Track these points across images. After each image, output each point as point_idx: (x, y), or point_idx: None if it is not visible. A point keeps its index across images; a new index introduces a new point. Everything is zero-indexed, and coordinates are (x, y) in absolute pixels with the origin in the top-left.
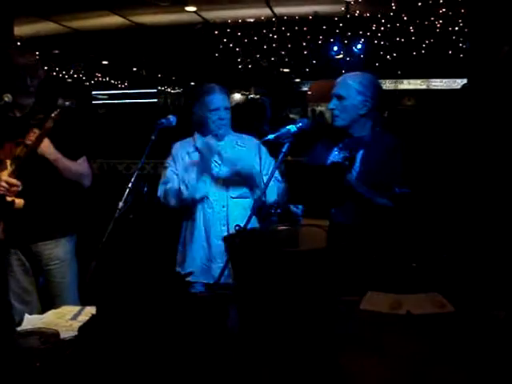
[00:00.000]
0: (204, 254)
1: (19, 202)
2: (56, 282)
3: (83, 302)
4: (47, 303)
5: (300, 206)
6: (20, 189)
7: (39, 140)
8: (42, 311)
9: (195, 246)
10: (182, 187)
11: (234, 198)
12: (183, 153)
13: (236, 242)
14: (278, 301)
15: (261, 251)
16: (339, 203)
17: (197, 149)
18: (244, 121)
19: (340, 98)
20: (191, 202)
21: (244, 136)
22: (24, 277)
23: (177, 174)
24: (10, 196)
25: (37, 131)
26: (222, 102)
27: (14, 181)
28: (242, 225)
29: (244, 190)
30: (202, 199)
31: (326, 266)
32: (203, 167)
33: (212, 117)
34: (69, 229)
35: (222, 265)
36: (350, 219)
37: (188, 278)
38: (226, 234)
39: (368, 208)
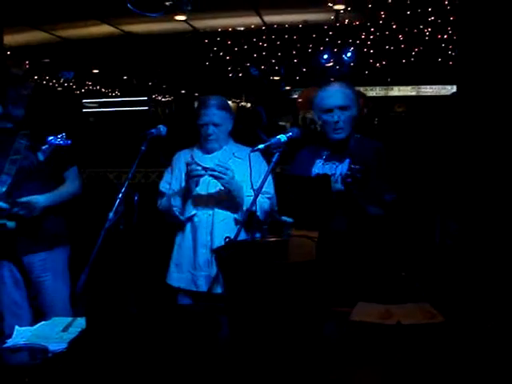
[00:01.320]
0: (190, 263)
1: (11, 224)
2: (47, 293)
3: (75, 314)
4: (38, 314)
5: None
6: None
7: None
8: (34, 323)
9: (183, 254)
10: (173, 210)
11: (220, 208)
12: (181, 163)
13: (225, 254)
14: (268, 313)
15: (250, 263)
16: (327, 215)
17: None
18: (241, 129)
19: (344, 108)
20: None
21: (243, 147)
22: (15, 289)
23: (169, 184)
24: None
25: None
26: (210, 117)
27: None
28: (230, 236)
29: (233, 202)
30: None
31: (316, 278)
32: (187, 187)
33: (201, 131)
34: (60, 240)
35: (206, 274)
36: (344, 229)
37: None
38: (210, 243)
39: (362, 218)
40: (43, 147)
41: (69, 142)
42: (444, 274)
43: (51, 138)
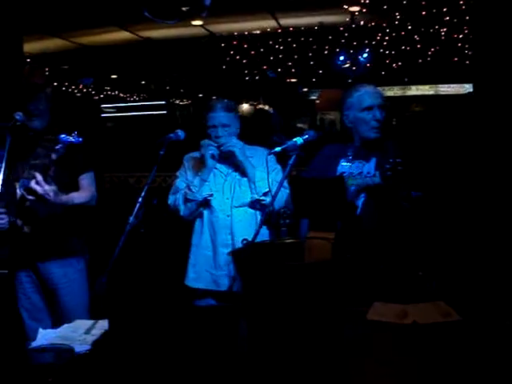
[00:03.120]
0: (210, 263)
1: (27, 229)
2: (65, 301)
3: (94, 317)
4: (57, 321)
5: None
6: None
7: (44, 172)
8: (53, 327)
9: (202, 254)
10: (186, 190)
11: (236, 206)
12: (192, 161)
13: (242, 256)
14: (285, 313)
15: (267, 265)
16: (342, 215)
17: (202, 155)
18: (253, 132)
19: (383, 108)
20: (196, 207)
21: (256, 148)
22: (35, 294)
23: (187, 183)
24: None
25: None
26: (218, 119)
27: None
28: (248, 237)
29: (249, 199)
30: (209, 206)
31: (332, 278)
32: (205, 168)
33: (211, 133)
34: (78, 249)
35: (226, 273)
36: (375, 223)
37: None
38: (230, 242)
39: (396, 212)
40: (56, 146)
41: (80, 139)
42: (461, 272)
43: (63, 135)
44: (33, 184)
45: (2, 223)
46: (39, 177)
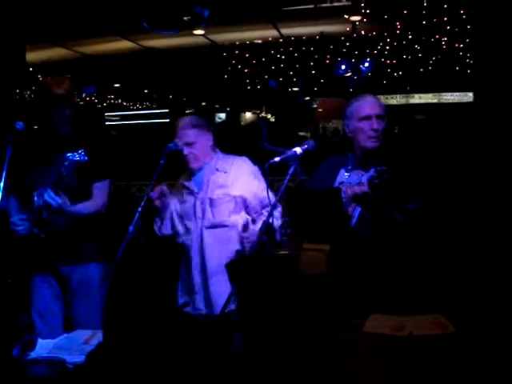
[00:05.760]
0: (187, 286)
1: (43, 236)
2: (80, 306)
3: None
4: (70, 325)
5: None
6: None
7: (55, 185)
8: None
9: (182, 276)
10: (155, 226)
11: (207, 227)
12: (176, 189)
13: (237, 268)
14: (280, 326)
15: (261, 277)
16: (338, 227)
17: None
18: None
19: (381, 118)
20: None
21: (230, 159)
22: (52, 300)
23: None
24: None
25: None
26: (182, 138)
27: None
28: (222, 260)
29: (219, 218)
30: (183, 226)
31: (328, 291)
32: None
33: (180, 153)
34: (99, 253)
35: (202, 296)
36: (370, 234)
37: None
38: (201, 265)
39: (387, 222)
40: (65, 163)
41: (86, 158)
42: (457, 283)
43: (69, 154)
44: (46, 197)
45: (22, 229)
46: (50, 191)
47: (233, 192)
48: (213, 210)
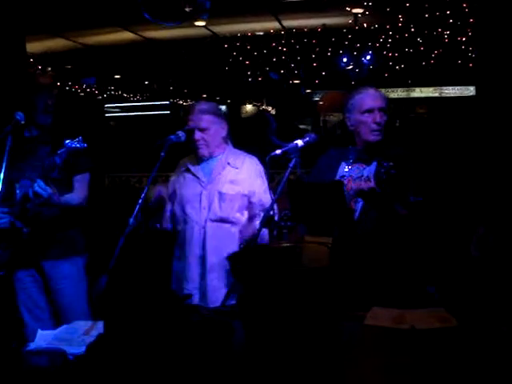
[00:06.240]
0: (182, 274)
1: (26, 230)
2: (66, 300)
3: (93, 318)
4: (60, 319)
5: None
6: None
7: (46, 175)
8: (54, 327)
9: (177, 265)
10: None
11: (212, 220)
12: (179, 173)
13: (239, 260)
14: (282, 318)
15: (264, 269)
16: (340, 220)
17: (188, 169)
18: (252, 134)
19: (384, 111)
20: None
21: (242, 155)
22: (38, 294)
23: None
24: None
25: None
26: (196, 122)
27: None
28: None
29: (226, 214)
30: (184, 215)
31: (330, 284)
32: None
33: (190, 137)
34: (80, 247)
35: (197, 286)
36: (372, 227)
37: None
38: (202, 256)
39: (391, 216)
40: (60, 150)
41: (85, 145)
42: (460, 277)
43: (68, 141)
44: (36, 188)
45: (3, 222)
46: (41, 181)
47: (242, 190)
48: (221, 203)
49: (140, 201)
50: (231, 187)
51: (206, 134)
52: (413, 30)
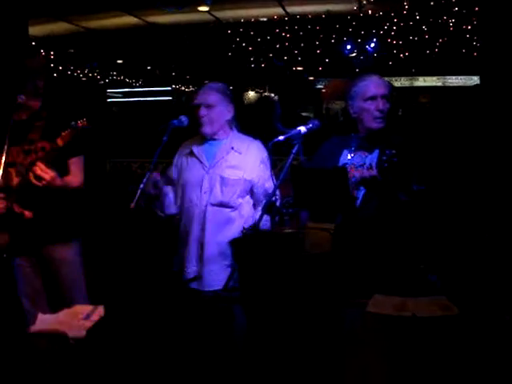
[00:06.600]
0: (182, 255)
1: (28, 213)
2: (66, 283)
3: (93, 302)
4: (57, 305)
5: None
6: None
7: (47, 158)
8: (51, 311)
9: (179, 247)
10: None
11: (213, 204)
12: (182, 155)
13: (241, 245)
14: (283, 303)
15: (266, 254)
16: (344, 206)
17: (191, 152)
18: (257, 118)
19: (387, 98)
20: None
21: (246, 140)
22: (36, 279)
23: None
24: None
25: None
26: (202, 98)
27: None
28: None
29: (227, 198)
30: (185, 197)
31: (332, 270)
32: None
33: (196, 113)
34: (77, 231)
35: (197, 268)
36: (374, 215)
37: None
38: (200, 238)
39: (393, 204)
40: (63, 133)
41: (90, 126)
42: (462, 265)
43: (73, 122)
44: (38, 171)
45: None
46: (42, 164)
47: (244, 175)
48: (222, 188)
49: (141, 185)
50: (234, 172)
51: (212, 111)
52: (418, 17)
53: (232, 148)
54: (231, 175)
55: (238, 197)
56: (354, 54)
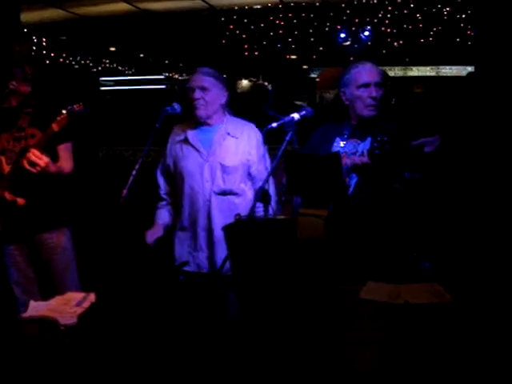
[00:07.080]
0: (190, 243)
1: (21, 201)
2: (59, 270)
3: (84, 289)
4: (49, 292)
5: None
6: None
7: (40, 144)
8: (43, 299)
9: (183, 234)
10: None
11: (216, 193)
12: (175, 143)
13: (234, 231)
14: (276, 290)
15: (259, 241)
16: (336, 193)
17: (186, 139)
18: (250, 106)
19: (380, 86)
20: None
21: (240, 124)
22: (28, 267)
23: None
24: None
25: (39, 135)
26: (197, 81)
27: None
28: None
29: (229, 186)
30: (188, 186)
31: (324, 256)
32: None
33: (190, 97)
34: (68, 218)
35: (207, 255)
36: (366, 203)
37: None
38: (208, 226)
39: (385, 192)
40: (58, 117)
41: (87, 110)
42: (455, 253)
43: (69, 107)
44: (32, 157)
45: None
46: (35, 150)
47: (242, 159)
48: (224, 176)
49: (134, 172)
50: (232, 158)
51: (207, 94)
52: (412, 5)
53: (228, 133)
54: (231, 162)
55: (240, 182)
56: (348, 43)
